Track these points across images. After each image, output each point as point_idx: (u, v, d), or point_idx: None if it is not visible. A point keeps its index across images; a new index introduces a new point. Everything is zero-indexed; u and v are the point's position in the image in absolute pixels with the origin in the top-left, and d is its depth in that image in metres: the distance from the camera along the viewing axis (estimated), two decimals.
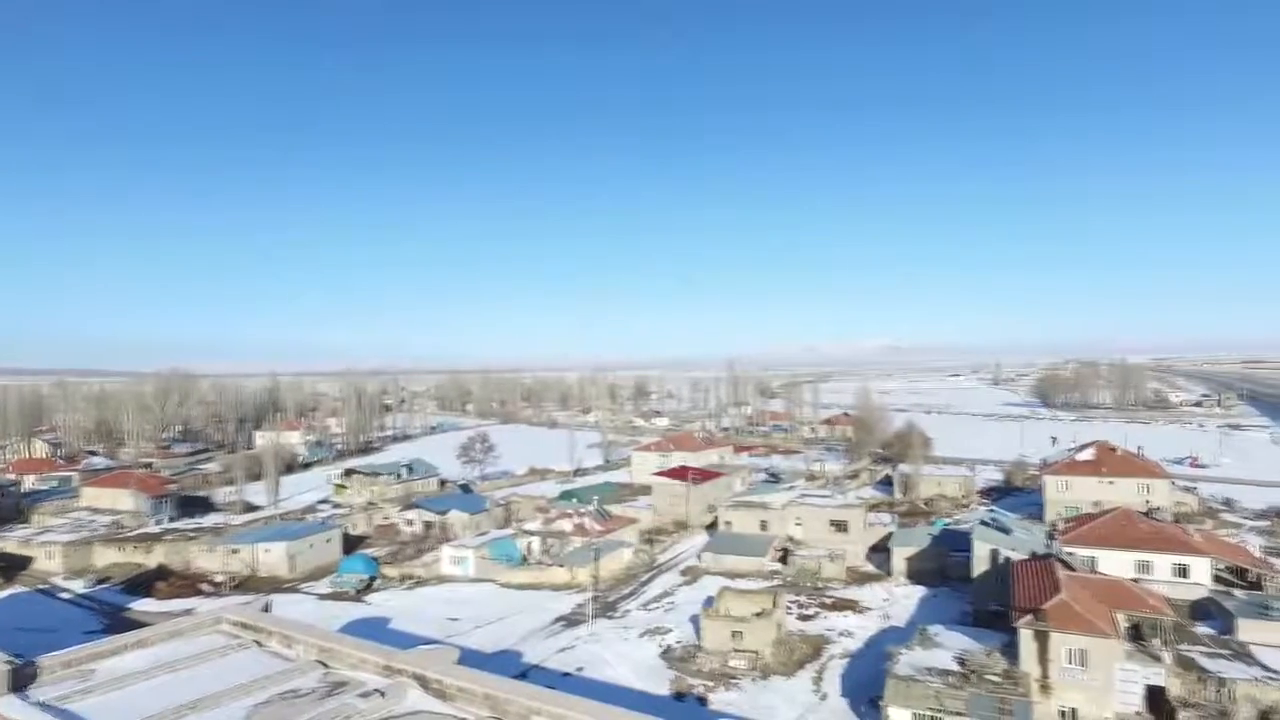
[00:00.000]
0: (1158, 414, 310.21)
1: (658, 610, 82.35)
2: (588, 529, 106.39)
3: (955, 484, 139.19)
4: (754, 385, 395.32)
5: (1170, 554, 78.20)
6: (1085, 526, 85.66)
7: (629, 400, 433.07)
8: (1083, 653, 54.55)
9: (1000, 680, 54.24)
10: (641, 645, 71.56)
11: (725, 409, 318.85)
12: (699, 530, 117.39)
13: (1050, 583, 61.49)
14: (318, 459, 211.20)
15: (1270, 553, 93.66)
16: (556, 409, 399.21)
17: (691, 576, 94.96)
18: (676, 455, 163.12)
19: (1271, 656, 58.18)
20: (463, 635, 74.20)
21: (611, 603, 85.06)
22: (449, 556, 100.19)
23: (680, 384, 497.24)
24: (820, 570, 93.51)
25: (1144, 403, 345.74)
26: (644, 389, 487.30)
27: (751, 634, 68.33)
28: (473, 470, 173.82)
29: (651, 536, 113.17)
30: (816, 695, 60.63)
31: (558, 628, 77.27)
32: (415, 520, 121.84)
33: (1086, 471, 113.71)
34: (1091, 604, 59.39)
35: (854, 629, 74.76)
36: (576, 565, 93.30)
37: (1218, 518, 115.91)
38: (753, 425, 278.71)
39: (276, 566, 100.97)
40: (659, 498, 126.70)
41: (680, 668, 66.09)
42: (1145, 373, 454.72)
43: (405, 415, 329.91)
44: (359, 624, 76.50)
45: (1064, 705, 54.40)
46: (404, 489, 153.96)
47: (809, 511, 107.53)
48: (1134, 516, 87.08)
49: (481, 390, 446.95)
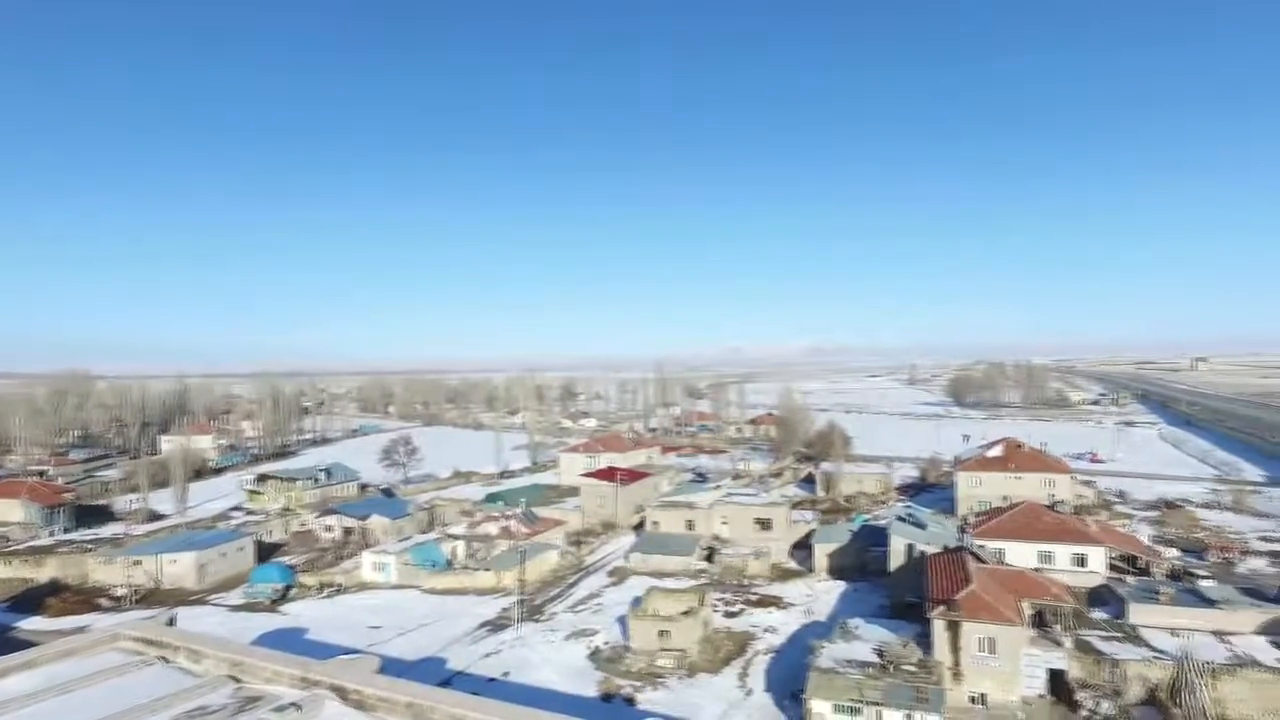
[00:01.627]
0: (1060, 412, 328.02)
1: (585, 612, 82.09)
2: (514, 532, 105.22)
3: (874, 481, 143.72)
4: (681, 386, 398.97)
5: (1070, 544, 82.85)
6: (994, 520, 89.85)
7: (557, 401, 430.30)
8: (991, 640, 57.16)
9: (916, 670, 56.30)
10: (569, 647, 71.19)
11: (653, 410, 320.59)
12: (627, 531, 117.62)
13: (962, 575, 64.25)
14: (230, 464, 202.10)
15: (1158, 541, 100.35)
16: (482, 411, 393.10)
17: (619, 577, 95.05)
18: (604, 456, 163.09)
19: (1159, 637, 62.29)
20: (384, 643, 72.25)
21: (539, 606, 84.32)
22: (370, 563, 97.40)
23: (608, 385, 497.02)
24: (746, 568, 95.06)
25: (1047, 401, 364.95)
26: (572, 390, 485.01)
27: (679, 633, 68.87)
28: (395, 474, 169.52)
29: (579, 538, 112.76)
30: (742, 691, 61.55)
31: (483, 633, 76.10)
32: (334, 526, 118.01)
33: (996, 467, 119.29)
34: (1000, 594, 62.35)
35: (778, 625, 76.24)
36: (503, 569, 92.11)
37: (1112, 509, 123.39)
38: (680, 426, 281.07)
39: (184, 578, 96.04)
40: (587, 499, 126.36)
41: (608, 669, 66.04)
42: (1048, 373, 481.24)
43: (324, 418, 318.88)
44: (274, 635, 73.49)
45: (974, 691, 56.89)
46: (322, 494, 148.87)
47: (735, 510, 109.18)
48: (1039, 510, 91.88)
49: (405, 392, 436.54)
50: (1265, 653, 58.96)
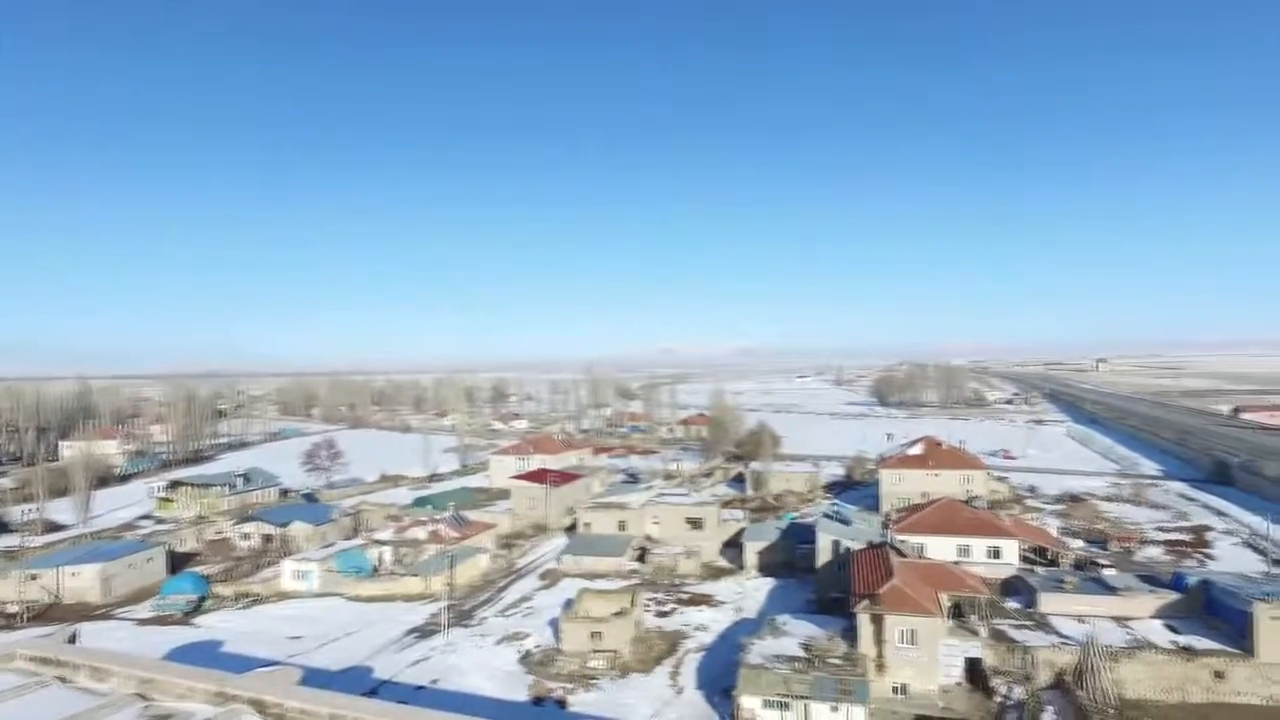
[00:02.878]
0: (976, 411, 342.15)
1: (516, 616, 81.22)
2: (443, 536, 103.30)
3: (802, 480, 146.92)
4: (614, 387, 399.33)
5: (986, 538, 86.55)
6: (915, 516, 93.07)
7: (487, 403, 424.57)
8: (912, 632, 59.17)
9: (841, 663, 57.80)
10: (499, 652, 70.30)
11: (585, 411, 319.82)
12: (558, 533, 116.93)
13: (885, 569, 66.31)
14: (138, 470, 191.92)
15: (1065, 533, 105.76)
16: (410, 413, 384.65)
17: (551, 580, 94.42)
18: (536, 458, 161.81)
19: (1066, 624, 65.70)
20: (307, 654, 69.83)
21: (468, 611, 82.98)
22: (291, 571, 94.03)
23: (540, 386, 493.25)
24: (677, 567, 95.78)
25: (965, 401, 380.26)
26: (503, 391, 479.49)
27: (610, 634, 68.86)
28: (318, 478, 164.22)
29: (510, 541, 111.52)
30: (673, 690, 61.97)
31: (411, 640, 74.40)
32: (253, 534, 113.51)
33: (916, 465, 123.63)
34: (920, 587, 64.58)
35: (709, 623, 77.07)
36: (431, 574, 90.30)
37: (1024, 503, 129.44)
38: (612, 426, 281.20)
39: (87, 592, 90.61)
40: (518, 501, 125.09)
41: (539, 672, 65.51)
42: (966, 374, 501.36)
43: (242, 421, 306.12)
44: (187, 649, 70.14)
45: (896, 682, 58.75)
46: (240, 500, 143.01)
47: (666, 510, 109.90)
48: (957, 505, 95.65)
49: (329, 394, 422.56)
50: (1160, 635, 62.84)
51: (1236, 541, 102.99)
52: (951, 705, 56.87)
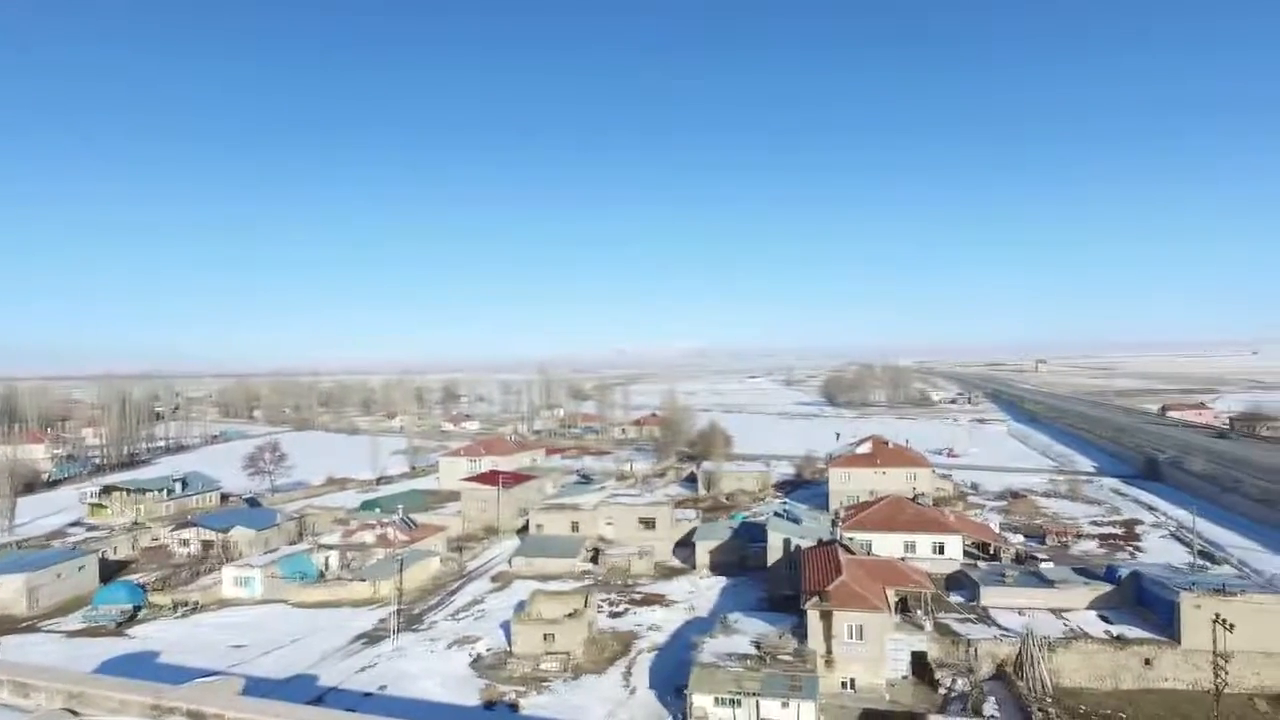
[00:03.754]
0: (922, 410, 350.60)
1: (467, 619, 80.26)
2: (391, 539, 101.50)
3: (753, 479, 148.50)
4: (566, 388, 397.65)
5: (931, 534, 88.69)
6: (863, 513, 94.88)
7: (437, 404, 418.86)
8: (860, 628, 60.33)
9: (792, 659, 58.60)
10: (450, 656, 69.36)
11: (538, 411, 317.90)
12: (510, 535, 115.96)
13: (834, 566, 67.45)
14: (68, 475, 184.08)
15: (1005, 528, 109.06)
16: (358, 414, 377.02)
17: (503, 582, 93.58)
18: (487, 459, 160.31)
19: (1006, 617, 67.75)
20: (249, 663, 67.84)
21: (418, 615, 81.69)
22: (232, 577, 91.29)
23: (491, 387, 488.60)
24: (630, 567, 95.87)
25: (911, 400, 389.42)
26: (453, 393, 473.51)
27: (563, 635, 68.54)
28: (261, 482, 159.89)
29: (461, 544, 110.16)
30: (626, 690, 61.97)
31: (358, 646, 72.89)
32: (192, 540, 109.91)
33: (864, 464, 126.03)
34: (868, 583, 65.88)
35: (661, 622, 77.30)
36: (379, 578, 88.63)
37: (967, 500, 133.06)
38: (565, 427, 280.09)
39: (11, 603, 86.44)
40: (469, 503, 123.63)
41: (491, 676, 64.83)
42: (911, 374, 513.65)
43: (181, 423, 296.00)
44: (121, 661, 67.51)
45: (845, 677, 59.85)
46: (178, 506, 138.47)
47: (619, 511, 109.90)
48: (903, 502, 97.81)
49: (273, 395, 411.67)
50: (1094, 626, 65.28)
51: (1164, 534, 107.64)
52: (898, 698, 58.16)
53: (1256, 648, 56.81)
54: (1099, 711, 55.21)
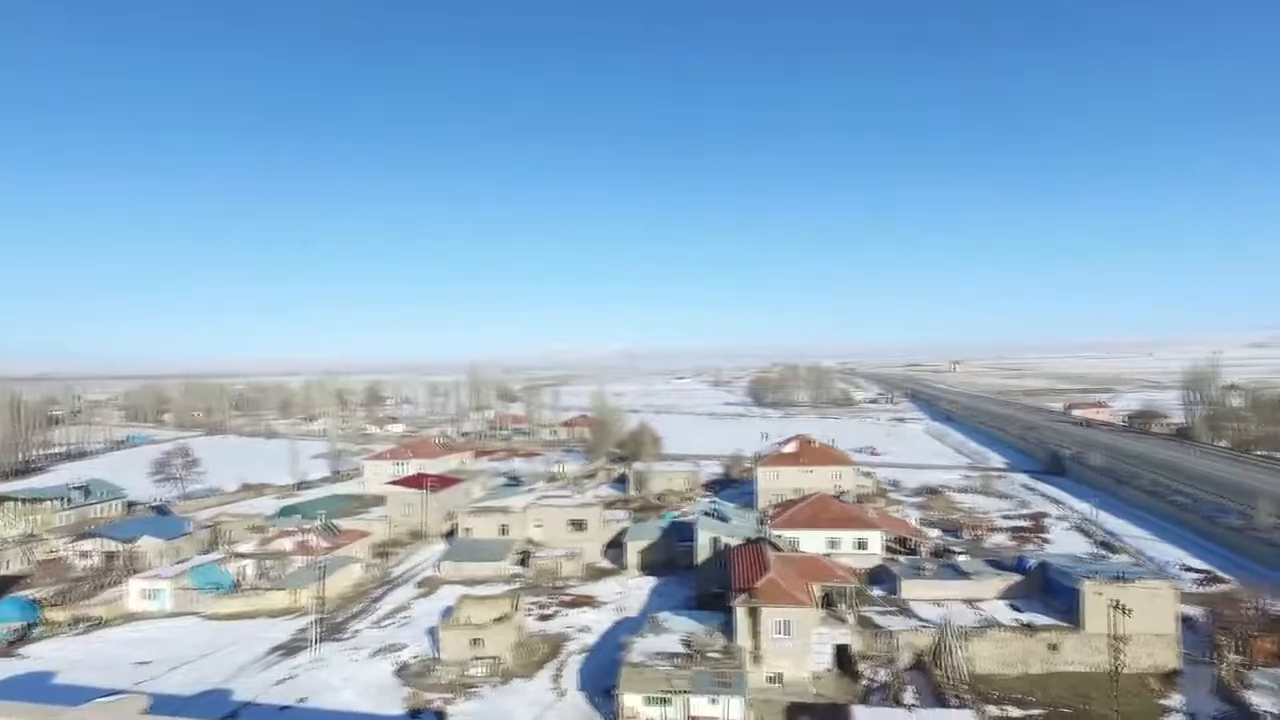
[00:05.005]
0: (845, 410, 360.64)
1: (392, 626, 78.27)
2: (312, 546, 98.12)
3: (683, 479, 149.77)
4: (495, 389, 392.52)
5: (854, 530, 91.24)
6: (789, 511, 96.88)
7: (361, 406, 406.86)
8: (787, 623, 61.57)
9: (720, 656, 59.32)
10: (373, 665, 67.48)
11: (466, 413, 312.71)
12: (437, 539, 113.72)
13: (761, 563, 68.64)
14: None
15: (924, 523, 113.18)
16: (276, 418, 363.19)
17: (429, 587, 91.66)
18: (413, 463, 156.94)
19: (925, 608, 70.23)
20: (156, 680, 64.44)
21: (340, 624, 79.18)
22: (138, 590, 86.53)
23: (417, 389, 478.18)
24: (560, 569, 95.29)
25: (834, 400, 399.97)
26: (378, 394, 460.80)
27: (492, 640, 67.59)
28: (171, 489, 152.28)
29: (386, 549, 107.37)
30: (555, 693, 61.56)
31: (275, 657, 70.11)
32: (93, 551, 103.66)
33: (790, 462, 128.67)
34: (794, 579, 67.32)
35: (591, 624, 77.12)
36: (299, 587, 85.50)
37: (887, 496, 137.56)
38: (494, 429, 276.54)
39: None
40: (394, 508, 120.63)
41: (416, 683, 63.36)
42: (835, 375, 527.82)
43: (82, 428, 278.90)
44: (11, 683, 63.16)
45: (772, 671, 60.96)
46: (78, 516, 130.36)
47: (549, 513, 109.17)
48: (827, 500, 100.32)
49: (183, 398, 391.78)
50: (1005, 614, 68.35)
51: (1069, 526, 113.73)
52: (823, 691, 59.63)
53: (1150, 630, 60.60)
54: (1009, 696, 57.88)
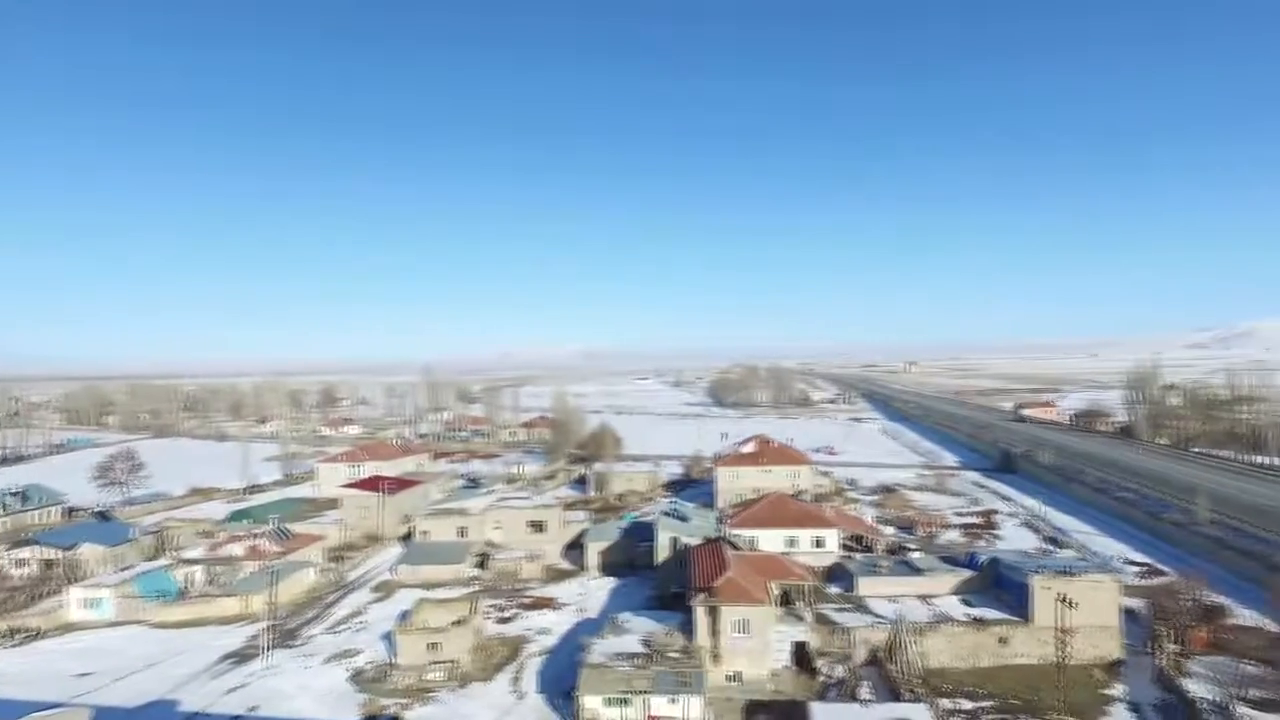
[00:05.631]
0: (803, 410, 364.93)
1: (347, 632, 76.82)
2: (263, 551, 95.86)
3: (643, 479, 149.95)
4: (453, 390, 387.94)
5: (811, 529, 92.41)
6: (748, 510, 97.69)
7: (315, 408, 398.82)
8: (746, 622, 62.03)
9: (680, 656, 59.53)
10: (328, 671, 66.15)
11: (423, 415, 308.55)
12: (394, 542, 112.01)
13: (720, 563, 69.08)
14: None
15: (879, 521, 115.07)
16: (227, 420, 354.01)
17: (385, 592, 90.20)
18: (369, 465, 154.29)
19: (880, 605, 71.50)
20: (99, 692, 62.28)
21: (293, 630, 77.45)
22: (79, 599, 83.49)
23: (374, 390, 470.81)
24: (519, 571, 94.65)
25: (793, 401, 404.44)
26: (333, 396, 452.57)
27: (449, 643, 66.80)
28: (115, 494, 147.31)
29: (340, 553, 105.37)
30: (515, 696, 61.09)
31: (227, 666, 68.28)
32: (30, 559, 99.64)
33: (750, 462, 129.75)
34: (753, 578, 67.87)
35: (551, 626, 76.71)
36: (250, 593, 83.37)
37: (844, 495, 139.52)
38: (452, 430, 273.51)
39: None
40: (349, 511, 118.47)
41: (372, 689, 62.30)
42: (793, 375, 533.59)
43: (19, 431, 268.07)
44: None
45: (731, 670, 61.36)
46: (14, 522, 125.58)
47: (508, 514, 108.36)
48: (785, 499, 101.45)
49: (129, 400, 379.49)
50: (957, 609, 69.97)
51: (1018, 523, 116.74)
52: (781, 688, 60.21)
53: (1094, 622, 62.56)
54: (961, 689, 59.19)
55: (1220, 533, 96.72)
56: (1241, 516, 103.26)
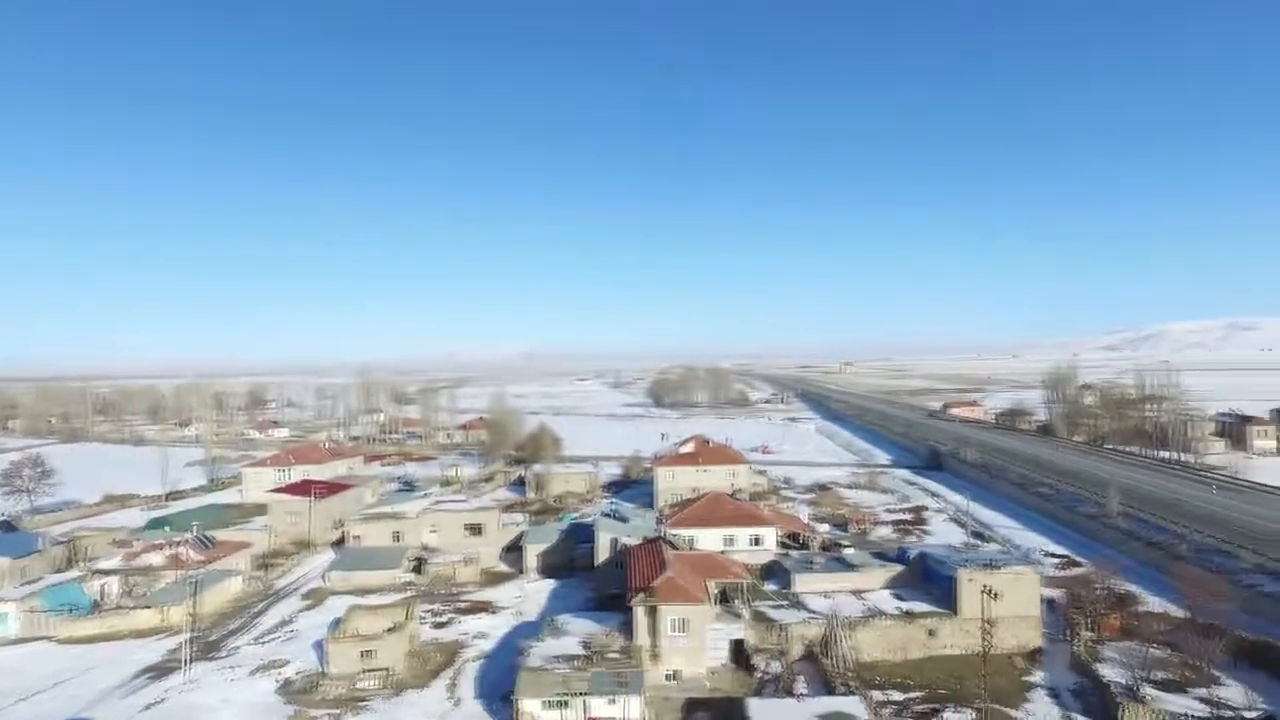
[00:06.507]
0: (741, 410, 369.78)
1: (275, 641, 74.20)
2: (185, 560, 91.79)
3: (582, 480, 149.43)
4: (388, 391, 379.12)
5: (748, 527, 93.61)
6: (686, 510, 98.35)
7: (241, 411, 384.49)
8: (684, 621, 62.42)
9: (619, 656, 59.46)
10: (254, 683, 63.74)
11: (356, 417, 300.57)
12: (325, 548, 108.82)
13: (659, 563, 69.34)
14: None
15: (814, 519, 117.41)
16: (145, 423, 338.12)
17: (316, 599, 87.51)
18: (298, 469, 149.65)
19: (815, 601, 72.84)
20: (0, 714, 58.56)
21: (216, 641, 74.41)
22: None
23: (304, 391, 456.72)
24: (456, 575, 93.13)
25: (731, 401, 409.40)
26: (260, 398, 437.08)
27: (383, 650, 65.23)
28: (19, 503, 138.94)
29: (268, 561, 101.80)
30: (451, 702, 60.04)
31: (143, 681, 65.09)
32: None
33: (688, 462, 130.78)
34: (691, 577, 68.35)
35: (489, 630, 75.70)
36: (169, 604, 79.69)
37: (780, 494, 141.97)
38: (386, 433, 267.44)
39: None
40: (277, 517, 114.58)
41: (301, 700, 60.33)
42: (731, 376, 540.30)
43: None
44: None
45: (670, 669, 61.66)
46: None
47: (444, 518, 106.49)
48: (723, 498, 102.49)
49: (35, 403, 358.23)
50: (888, 603, 71.81)
51: (946, 518, 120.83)
52: (718, 685, 60.79)
53: (1016, 613, 65.15)
54: (892, 681, 60.85)
55: (1129, 525, 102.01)
56: (1148, 509, 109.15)
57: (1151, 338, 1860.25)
